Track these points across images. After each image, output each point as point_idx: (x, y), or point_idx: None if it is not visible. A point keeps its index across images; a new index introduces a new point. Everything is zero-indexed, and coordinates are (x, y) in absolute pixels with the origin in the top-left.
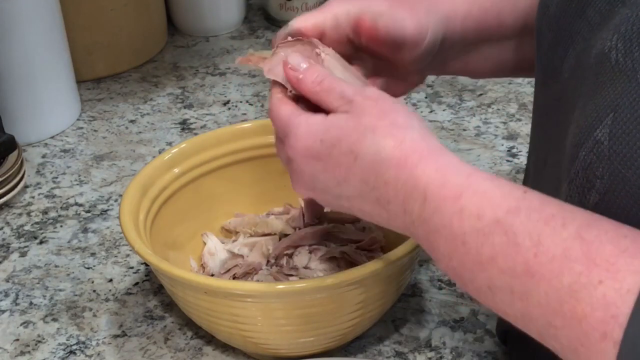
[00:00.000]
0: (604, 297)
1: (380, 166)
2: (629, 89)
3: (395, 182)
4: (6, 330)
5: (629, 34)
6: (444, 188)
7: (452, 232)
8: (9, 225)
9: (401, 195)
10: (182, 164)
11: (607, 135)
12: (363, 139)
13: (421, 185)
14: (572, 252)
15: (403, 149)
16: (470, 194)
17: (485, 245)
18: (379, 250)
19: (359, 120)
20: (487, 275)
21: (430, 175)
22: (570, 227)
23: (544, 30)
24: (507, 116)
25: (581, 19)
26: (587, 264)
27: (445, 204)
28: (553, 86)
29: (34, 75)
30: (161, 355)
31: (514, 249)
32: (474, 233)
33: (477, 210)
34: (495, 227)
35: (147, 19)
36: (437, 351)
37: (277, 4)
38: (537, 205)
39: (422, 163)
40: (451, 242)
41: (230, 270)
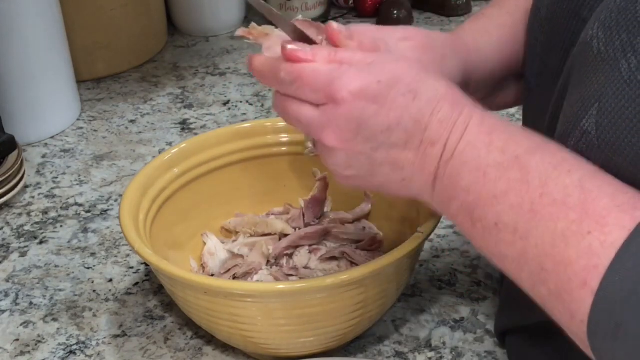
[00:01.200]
0: (589, 247)
1: (438, 103)
2: (612, 78)
3: (448, 120)
4: (6, 330)
5: (608, 22)
6: (481, 124)
7: (478, 163)
8: (9, 225)
9: (447, 133)
10: (182, 164)
11: (594, 125)
12: (420, 79)
13: (466, 120)
14: (571, 199)
15: (453, 90)
16: (500, 131)
17: (502, 179)
18: (379, 250)
19: (410, 63)
20: (497, 210)
21: (474, 113)
22: (575, 174)
23: (536, 32)
24: (507, 116)
25: (576, 19)
26: (580, 213)
27: (478, 137)
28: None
29: (34, 75)
30: (161, 355)
31: (524, 187)
32: (496, 166)
33: (502, 145)
34: (514, 162)
35: (147, 19)
36: (437, 351)
37: (277, 4)
38: (553, 150)
39: (469, 104)
40: (474, 173)
41: (230, 270)
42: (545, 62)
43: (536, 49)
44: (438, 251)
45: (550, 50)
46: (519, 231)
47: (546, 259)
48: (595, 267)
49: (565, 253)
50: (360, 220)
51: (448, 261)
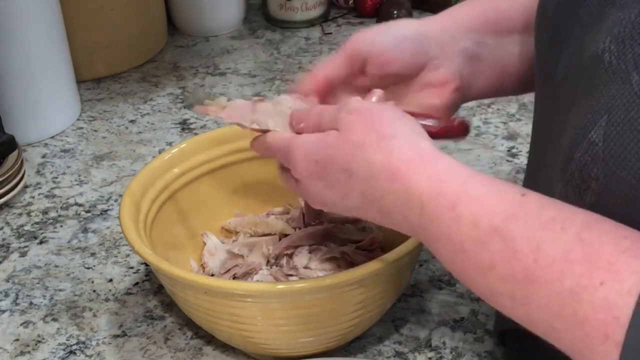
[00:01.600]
0: (605, 299)
1: (374, 182)
2: (623, 91)
3: (389, 195)
4: (6, 330)
5: (621, 36)
6: (439, 197)
7: (450, 240)
8: (9, 225)
9: (399, 207)
10: (182, 164)
11: (601, 137)
12: (354, 156)
13: (416, 195)
14: (573, 254)
15: (392, 160)
16: (465, 201)
17: (484, 253)
18: (379, 250)
19: (347, 138)
20: (487, 281)
21: (423, 186)
22: (570, 230)
23: (541, 31)
24: (507, 116)
25: (574, 19)
26: (587, 266)
27: (442, 212)
28: (548, 87)
29: (34, 75)
30: (161, 355)
31: (512, 256)
32: (472, 241)
33: (473, 218)
34: (493, 235)
35: (147, 19)
36: (437, 351)
37: (277, 4)
38: (535, 210)
39: (413, 174)
40: (451, 250)
41: (230, 270)
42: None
43: (541, 48)
44: None
45: (551, 50)
46: (517, 298)
47: (556, 320)
48: (616, 318)
49: (579, 310)
50: (360, 220)
51: None
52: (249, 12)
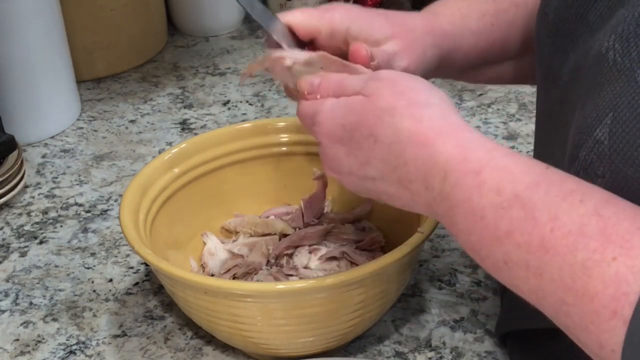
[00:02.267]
0: (616, 274)
1: (399, 147)
2: (628, 88)
3: (415, 161)
4: (6, 330)
5: (625, 34)
6: (465, 163)
7: (471, 206)
8: (9, 225)
9: (421, 173)
10: (182, 164)
11: (607, 135)
12: (381, 122)
13: (441, 161)
14: (588, 228)
15: (421, 127)
16: (490, 168)
17: (504, 220)
18: (379, 250)
19: (375, 104)
20: (504, 250)
21: (449, 151)
22: (588, 203)
23: (543, 35)
24: (507, 116)
25: (582, 23)
26: (602, 241)
27: (465, 178)
28: (553, 90)
29: (34, 76)
30: (161, 355)
31: (531, 224)
32: (493, 207)
33: (496, 185)
34: (514, 201)
35: (147, 19)
36: (437, 351)
37: (277, 4)
38: (557, 181)
39: (440, 140)
40: (470, 217)
41: (230, 270)
42: (550, 66)
43: (543, 52)
44: (438, 251)
45: (555, 54)
46: (531, 268)
47: (566, 293)
48: (626, 294)
49: (589, 284)
50: (360, 220)
51: (448, 261)
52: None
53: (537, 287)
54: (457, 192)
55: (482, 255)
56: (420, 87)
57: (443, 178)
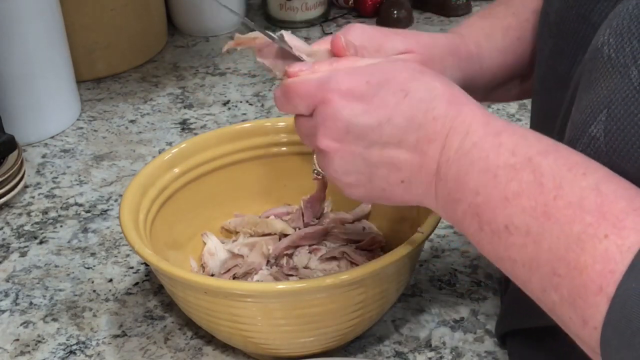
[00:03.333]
0: (606, 251)
1: (432, 102)
2: (622, 85)
3: (444, 118)
4: (6, 330)
5: (619, 29)
6: (487, 126)
7: (486, 164)
8: (9, 225)
9: (446, 131)
10: (182, 164)
11: (602, 131)
12: (413, 78)
13: (467, 120)
14: (587, 202)
15: (452, 89)
16: (509, 133)
17: (514, 181)
18: (379, 250)
19: (405, 65)
20: (508, 212)
21: (476, 113)
22: (591, 177)
23: (545, 36)
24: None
25: (585, 24)
26: (597, 217)
27: (485, 138)
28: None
29: (34, 75)
30: (161, 355)
31: (538, 189)
32: (507, 168)
33: (513, 147)
34: (527, 164)
35: (147, 19)
36: (437, 351)
37: (277, 4)
38: (565, 152)
39: (469, 102)
40: (483, 175)
41: (230, 270)
42: (552, 67)
43: (544, 53)
44: (438, 251)
45: (558, 55)
46: (531, 234)
47: (560, 263)
48: (612, 272)
49: (581, 257)
50: (360, 220)
51: (448, 261)
52: (249, 12)
53: (532, 256)
54: (475, 150)
55: (483, 219)
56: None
57: (465, 136)
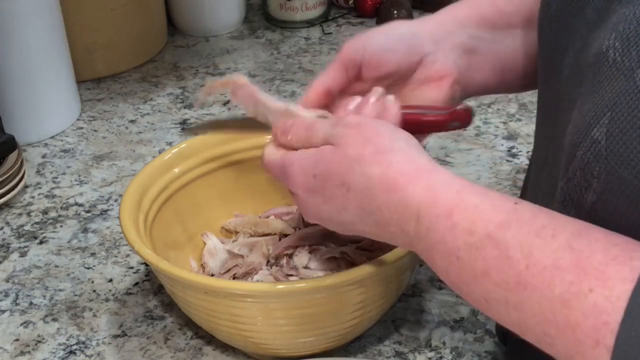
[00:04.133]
0: (595, 305)
1: (371, 193)
2: (627, 88)
3: (387, 206)
4: (6, 330)
5: (626, 33)
6: (435, 206)
7: (446, 248)
8: (9, 225)
9: (395, 218)
10: (182, 164)
11: (604, 135)
12: (351, 170)
13: (413, 206)
14: (563, 262)
15: (390, 174)
16: (461, 210)
17: (479, 260)
18: (379, 250)
19: (344, 152)
20: (482, 288)
21: (420, 195)
22: (561, 237)
23: (545, 28)
24: (507, 116)
25: (580, 17)
26: (577, 273)
27: (437, 221)
28: (553, 85)
29: (34, 75)
30: (161, 355)
31: (506, 262)
32: (467, 248)
33: (469, 226)
34: (487, 241)
35: (147, 19)
36: (437, 351)
37: (277, 4)
38: (528, 217)
39: (410, 185)
40: (446, 258)
41: (230, 270)
42: (551, 59)
43: (545, 46)
44: None
45: (556, 47)
46: (511, 304)
47: (548, 326)
48: (606, 324)
49: (570, 316)
50: None
51: None
52: (249, 12)
53: (519, 322)
54: (431, 235)
55: (463, 291)
56: (385, 132)
57: (416, 221)
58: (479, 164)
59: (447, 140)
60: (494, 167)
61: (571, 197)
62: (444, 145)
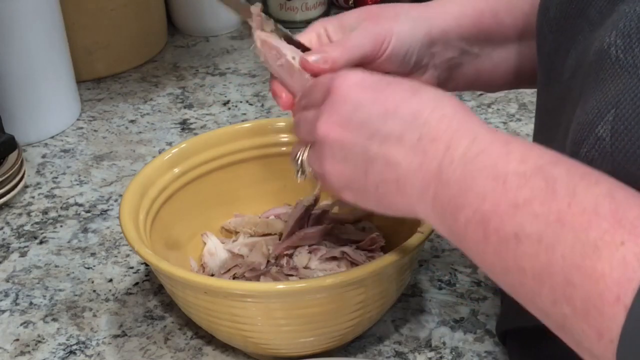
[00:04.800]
0: (624, 259)
1: (440, 101)
2: (631, 85)
3: (451, 117)
4: (6, 330)
5: (627, 30)
6: (495, 134)
7: (495, 171)
8: (9, 225)
9: (452, 131)
10: (182, 164)
11: (608, 132)
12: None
13: (474, 127)
14: (602, 208)
15: (460, 101)
16: (517, 142)
17: (525, 188)
18: (379, 250)
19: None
20: (518, 220)
21: (482, 123)
22: (603, 185)
23: (545, 32)
24: (507, 116)
25: (582, 19)
26: (613, 223)
27: (493, 145)
28: (555, 87)
29: (34, 75)
30: (161, 355)
31: (550, 196)
32: (517, 175)
33: (522, 155)
34: (537, 172)
35: (147, 19)
36: (437, 351)
37: (277, 4)
38: (575, 164)
39: (475, 116)
40: (492, 182)
41: (230, 270)
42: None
43: (544, 49)
44: (438, 251)
45: (556, 50)
46: (544, 242)
47: (575, 272)
48: (630, 280)
49: (597, 265)
50: (360, 220)
51: (448, 261)
52: None
53: (544, 265)
54: (483, 157)
55: (490, 228)
56: None
57: (472, 140)
58: None
59: None
60: None
61: None
62: None
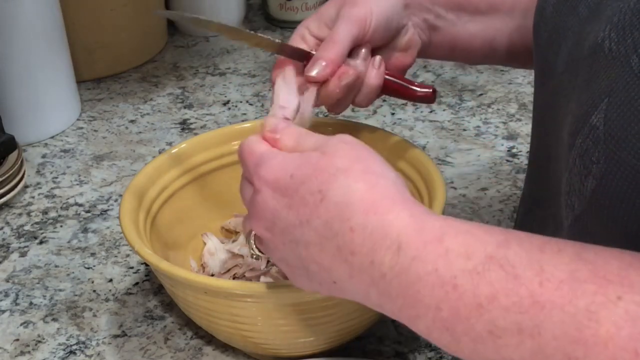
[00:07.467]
0: (627, 313)
1: (347, 210)
2: (622, 73)
3: (362, 230)
4: (6, 330)
5: (621, 24)
6: (422, 232)
7: (438, 277)
8: (9, 225)
9: (368, 245)
10: (182, 164)
11: (602, 120)
12: (333, 179)
13: (394, 232)
14: (579, 273)
15: (374, 193)
16: (452, 234)
17: (482, 285)
18: None
19: (332, 160)
20: (487, 318)
21: (404, 221)
22: (567, 251)
23: (540, 30)
24: (507, 116)
25: (573, 15)
26: (599, 282)
27: (426, 249)
28: (549, 83)
29: (34, 75)
30: (161, 355)
31: (515, 283)
32: (466, 274)
33: (464, 250)
34: (489, 263)
35: (147, 19)
36: (437, 351)
37: (277, 4)
38: (525, 236)
39: (395, 209)
40: (439, 290)
41: (230, 270)
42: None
43: (539, 45)
44: None
45: (549, 46)
46: (525, 331)
47: (575, 347)
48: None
49: (599, 330)
50: None
51: None
52: (249, 12)
53: (534, 351)
54: (417, 265)
55: (457, 332)
56: (379, 160)
57: (396, 251)
58: (478, 164)
59: (447, 140)
60: (494, 167)
61: (572, 187)
62: (444, 145)
